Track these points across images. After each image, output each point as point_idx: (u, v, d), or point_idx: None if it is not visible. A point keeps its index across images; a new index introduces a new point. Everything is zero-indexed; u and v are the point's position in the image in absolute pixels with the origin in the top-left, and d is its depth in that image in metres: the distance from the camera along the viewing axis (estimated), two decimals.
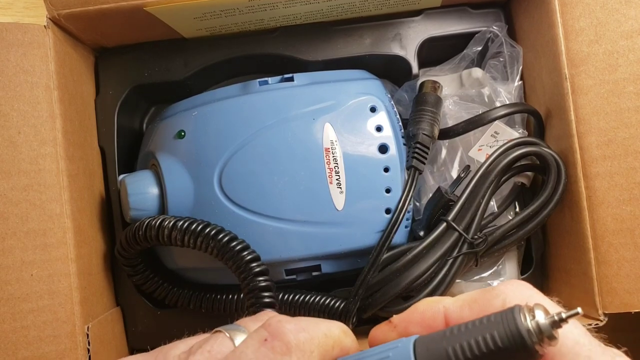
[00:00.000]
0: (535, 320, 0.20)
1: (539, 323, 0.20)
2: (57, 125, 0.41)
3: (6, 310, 0.39)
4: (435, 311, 0.25)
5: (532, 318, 0.20)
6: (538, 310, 0.21)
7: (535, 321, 0.20)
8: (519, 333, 0.20)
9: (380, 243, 0.41)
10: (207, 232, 0.39)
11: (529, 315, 0.21)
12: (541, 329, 0.20)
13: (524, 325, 0.20)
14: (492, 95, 0.48)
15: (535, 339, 0.20)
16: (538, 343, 0.20)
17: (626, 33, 0.41)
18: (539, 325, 0.20)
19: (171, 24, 0.45)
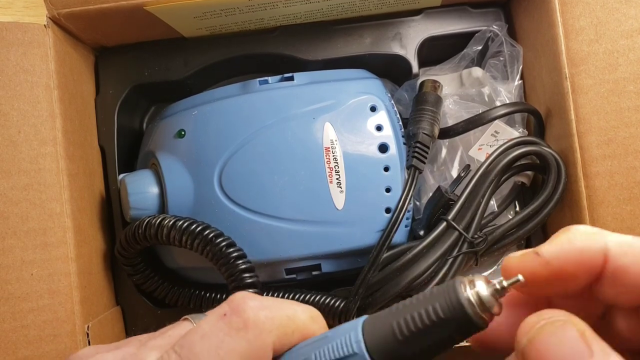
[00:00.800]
0: (475, 290, 0.21)
1: (479, 293, 0.20)
2: (57, 124, 0.41)
3: (6, 310, 0.39)
4: (595, 252, 0.21)
5: (472, 288, 0.21)
6: (479, 281, 0.21)
7: (475, 291, 0.21)
8: (460, 303, 0.20)
9: (381, 242, 0.41)
10: (206, 235, 0.39)
11: (469, 285, 0.21)
12: (482, 299, 0.20)
13: (464, 295, 0.20)
14: (492, 94, 0.48)
15: (477, 308, 0.20)
16: (480, 313, 0.20)
17: (626, 32, 0.41)
18: (479, 295, 0.20)
19: (171, 23, 0.45)
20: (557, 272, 0.21)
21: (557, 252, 0.21)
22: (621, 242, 0.21)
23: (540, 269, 0.21)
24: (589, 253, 0.21)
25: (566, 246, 0.21)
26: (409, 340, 0.21)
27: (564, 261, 0.21)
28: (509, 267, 0.22)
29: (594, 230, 0.22)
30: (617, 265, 0.21)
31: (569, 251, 0.21)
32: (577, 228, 0.22)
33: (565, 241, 0.22)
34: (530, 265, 0.22)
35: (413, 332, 0.21)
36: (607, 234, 0.21)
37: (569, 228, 0.22)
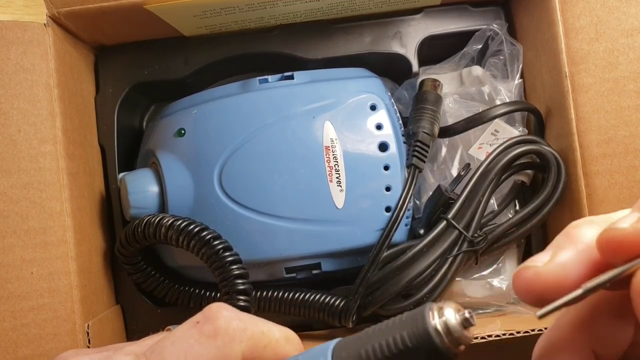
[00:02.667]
0: (443, 319, 0.20)
1: (447, 322, 0.20)
2: (57, 123, 0.41)
3: (6, 309, 0.39)
4: None
5: (441, 316, 0.20)
6: (448, 309, 0.20)
7: (444, 320, 0.20)
8: (427, 332, 0.20)
9: (381, 241, 0.41)
10: (202, 236, 0.39)
11: (437, 313, 0.20)
12: (449, 329, 0.20)
13: (431, 324, 0.20)
14: (492, 93, 0.48)
15: (444, 338, 0.20)
16: (447, 343, 0.20)
17: (626, 31, 0.41)
18: (447, 325, 0.20)
19: (171, 22, 0.45)
20: None
21: None
22: None
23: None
24: None
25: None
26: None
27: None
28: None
29: None
30: None
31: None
32: None
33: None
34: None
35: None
36: None
37: None
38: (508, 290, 0.45)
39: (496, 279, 0.46)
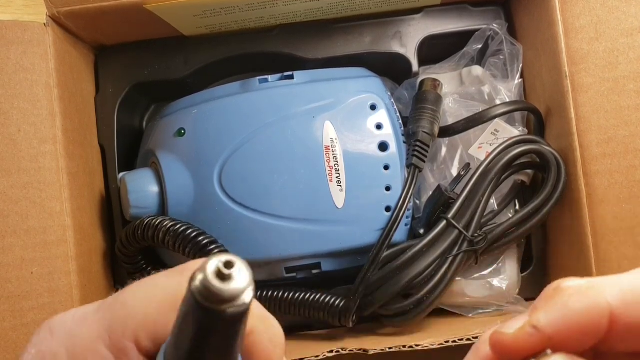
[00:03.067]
0: (201, 274, 0.17)
1: (204, 277, 0.16)
2: (57, 123, 0.41)
3: (6, 308, 0.39)
4: (599, 314, 0.18)
5: (202, 272, 0.17)
6: (212, 261, 0.17)
7: (202, 275, 0.16)
8: (190, 292, 0.17)
9: (381, 241, 0.41)
10: (199, 241, 0.39)
11: (200, 268, 0.17)
12: (205, 283, 0.16)
13: (193, 283, 0.17)
14: (492, 93, 0.48)
15: (201, 295, 0.16)
16: (207, 301, 0.16)
17: (626, 31, 0.41)
18: (203, 279, 0.16)
19: (171, 22, 0.45)
20: (559, 344, 0.18)
21: (557, 324, 0.18)
22: (623, 294, 0.18)
23: (541, 345, 0.18)
24: (591, 317, 0.18)
25: (565, 313, 0.18)
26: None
27: (566, 333, 0.18)
28: (504, 345, 0.19)
29: (588, 285, 0.19)
30: (625, 322, 0.18)
31: (570, 319, 0.18)
32: (569, 286, 0.19)
33: (562, 306, 0.18)
34: (529, 342, 0.19)
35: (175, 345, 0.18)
36: (604, 287, 0.19)
37: (559, 287, 0.19)
38: (508, 290, 0.45)
39: (496, 279, 0.46)
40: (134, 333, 0.20)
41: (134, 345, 0.20)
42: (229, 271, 0.17)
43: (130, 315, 0.20)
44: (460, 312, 0.46)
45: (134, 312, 0.20)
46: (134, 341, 0.20)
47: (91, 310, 0.21)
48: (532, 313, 0.19)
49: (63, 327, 0.21)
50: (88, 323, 0.20)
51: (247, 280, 0.17)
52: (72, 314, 0.21)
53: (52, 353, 0.20)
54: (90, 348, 0.20)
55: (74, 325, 0.21)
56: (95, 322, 0.20)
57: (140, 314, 0.20)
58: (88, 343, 0.20)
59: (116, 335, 0.20)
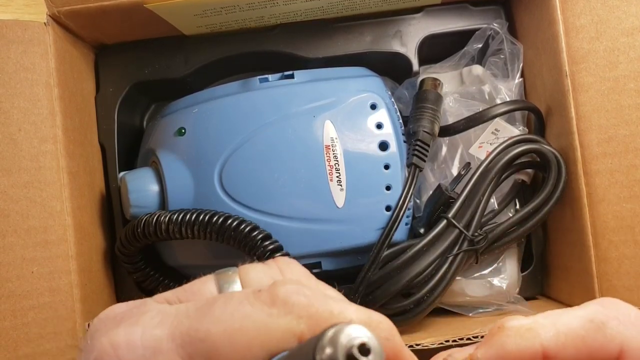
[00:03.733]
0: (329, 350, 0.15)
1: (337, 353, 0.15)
2: (58, 122, 0.41)
3: (7, 308, 0.39)
4: (532, 353, 0.20)
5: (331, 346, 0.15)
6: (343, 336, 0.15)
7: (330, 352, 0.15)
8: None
9: (381, 240, 0.41)
10: (202, 219, 0.39)
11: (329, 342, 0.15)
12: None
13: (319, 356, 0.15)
14: (493, 92, 0.48)
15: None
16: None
17: (627, 30, 0.41)
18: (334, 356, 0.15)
19: (171, 21, 0.45)
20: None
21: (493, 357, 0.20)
22: (557, 336, 0.20)
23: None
24: (524, 357, 0.20)
25: (500, 351, 0.20)
26: None
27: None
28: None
29: (528, 327, 0.20)
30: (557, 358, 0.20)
31: (504, 357, 0.20)
32: (510, 326, 0.21)
33: (499, 346, 0.20)
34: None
35: None
36: (542, 328, 0.20)
37: (502, 327, 0.21)
38: (508, 290, 0.45)
39: (496, 278, 0.46)
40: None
41: None
42: (366, 359, 0.15)
43: (214, 350, 0.18)
44: (461, 312, 0.46)
45: (220, 347, 0.18)
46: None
47: (162, 334, 0.19)
48: (476, 347, 0.21)
49: (134, 355, 0.19)
50: (163, 352, 0.19)
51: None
52: (139, 336, 0.19)
53: None
54: None
55: (146, 353, 0.19)
56: (171, 351, 0.19)
57: (226, 350, 0.18)
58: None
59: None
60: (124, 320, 0.20)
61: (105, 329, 0.20)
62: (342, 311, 0.20)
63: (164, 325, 0.19)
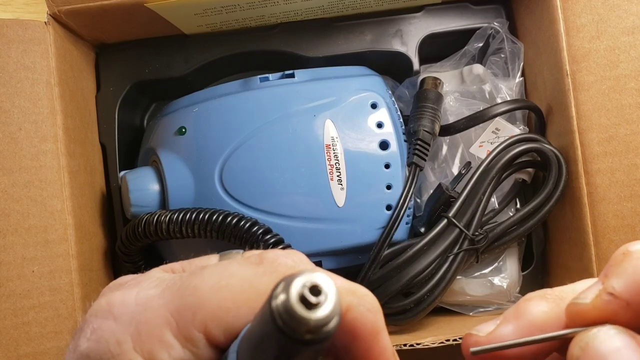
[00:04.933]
0: (283, 296, 0.15)
1: (288, 300, 0.15)
2: (58, 121, 0.41)
3: (7, 307, 0.39)
4: None
5: (285, 292, 0.15)
6: (296, 281, 0.15)
7: (284, 297, 0.15)
8: (271, 314, 0.15)
9: (381, 239, 0.41)
10: (202, 218, 0.39)
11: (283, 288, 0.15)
12: (288, 309, 0.15)
13: (272, 304, 0.15)
14: (493, 91, 0.48)
15: (282, 321, 0.15)
16: (287, 327, 0.15)
17: (627, 29, 0.41)
18: (286, 303, 0.15)
19: (172, 20, 0.45)
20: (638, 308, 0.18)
21: (633, 289, 0.18)
22: None
23: (620, 311, 0.18)
24: None
25: (637, 277, 0.18)
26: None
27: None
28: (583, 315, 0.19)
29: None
30: None
31: None
32: (637, 249, 0.19)
33: (634, 271, 0.18)
34: (608, 310, 0.18)
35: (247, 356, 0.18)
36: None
37: (627, 252, 0.19)
38: (509, 289, 0.45)
39: (497, 278, 0.46)
40: (203, 322, 0.19)
41: (203, 335, 0.19)
42: (317, 299, 0.15)
43: (201, 303, 0.19)
44: (461, 311, 0.46)
45: (206, 300, 0.19)
46: (203, 331, 0.19)
47: (155, 292, 0.20)
48: (604, 280, 0.19)
49: (126, 310, 0.20)
50: (154, 307, 0.19)
51: (335, 306, 0.15)
52: (134, 294, 0.20)
53: (115, 341, 0.19)
54: (157, 335, 0.19)
55: (137, 309, 0.19)
56: (161, 306, 0.19)
57: (212, 303, 0.19)
58: (154, 330, 0.19)
59: (184, 323, 0.19)
60: (125, 285, 0.21)
61: (107, 292, 0.21)
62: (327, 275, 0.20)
63: (158, 287, 0.20)
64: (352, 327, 0.20)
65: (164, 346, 0.19)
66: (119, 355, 0.19)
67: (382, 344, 0.20)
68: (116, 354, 0.19)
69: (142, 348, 0.19)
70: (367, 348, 0.20)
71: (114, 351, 0.19)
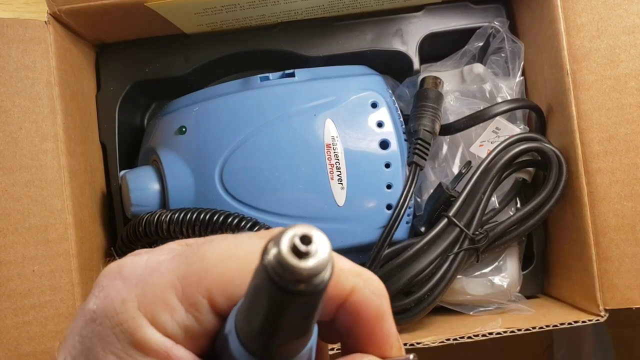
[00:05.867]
0: (275, 249, 0.15)
1: (279, 252, 0.15)
2: (58, 121, 0.41)
3: (8, 306, 0.39)
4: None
5: (276, 246, 0.15)
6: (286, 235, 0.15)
7: (276, 250, 0.15)
8: (263, 267, 0.15)
9: (382, 239, 0.41)
10: (202, 218, 0.39)
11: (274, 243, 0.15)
12: (280, 259, 0.15)
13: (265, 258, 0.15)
14: (494, 91, 0.48)
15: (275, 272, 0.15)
16: (280, 277, 0.15)
17: (628, 28, 0.41)
18: (278, 255, 0.15)
19: (172, 20, 0.45)
20: None
21: None
22: None
23: None
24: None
25: None
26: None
27: None
28: None
29: None
30: None
31: None
32: None
33: None
34: None
35: (247, 318, 0.18)
36: None
37: None
38: (509, 288, 0.45)
39: (497, 277, 0.46)
40: (208, 288, 0.19)
41: (207, 301, 0.19)
42: (307, 247, 0.15)
43: (207, 270, 0.19)
44: (461, 310, 0.46)
45: (212, 267, 0.19)
46: (207, 297, 0.19)
47: (165, 258, 0.20)
48: None
49: (134, 272, 0.20)
50: (161, 271, 0.19)
51: (326, 255, 0.15)
52: (144, 259, 0.20)
53: (121, 299, 0.19)
54: (161, 297, 0.19)
55: (146, 272, 0.20)
56: (169, 270, 0.19)
57: (218, 270, 0.19)
58: (159, 292, 0.19)
59: (189, 288, 0.19)
60: (139, 253, 0.21)
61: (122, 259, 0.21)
62: (335, 255, 0.20)
63: (169, 254, 0.20)
64: (355, 310, 0.20)
65: (168, 308, 0.19)
66: (122, 313, 0.19)
67: (386, 329, 0.20)
68: (120, 312, 0.19)
69: (146, 308, 0.19)
70: (370, 332, 0.20)
71: (118, 309, 0.19)
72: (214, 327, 0.19)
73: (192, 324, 0.19)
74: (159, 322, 0.19)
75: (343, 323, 0.20)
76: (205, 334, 0.19)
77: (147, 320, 0.19)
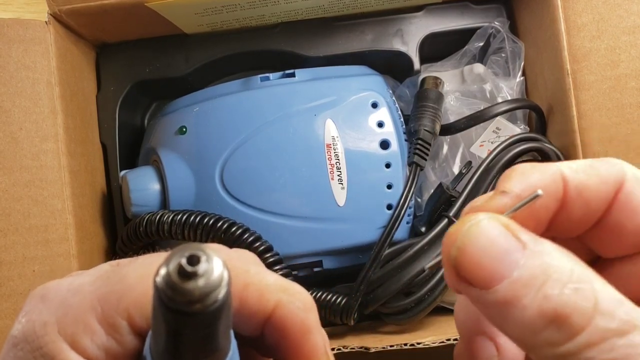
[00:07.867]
0: (165, 269, 0.15)
1: (168, 272, 0.15)
2: (59, 121, 0.41)
3: (8, 306, 0.39)
4: (552, 174, 0.20)
5: (167, 265, 0.15)
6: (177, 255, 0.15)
7: (165, 270, 0.15)
8: (155, 286, 0.15)
9: (382, 239, 0.41)
10: (205, 223, 0.39)
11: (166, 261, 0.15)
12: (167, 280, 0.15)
13: (157, 276, 0.15)
14: (494, 91, 0.48)
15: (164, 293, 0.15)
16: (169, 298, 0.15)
17: (628, 29, 0.41)
18: (166, 275, 0.15)
19: (172, 20, 0.45)
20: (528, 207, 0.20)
21: (523, 187, 0.20)
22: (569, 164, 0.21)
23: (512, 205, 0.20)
24: (547, 178, 0.20)
25: (526, 179, 0.20)
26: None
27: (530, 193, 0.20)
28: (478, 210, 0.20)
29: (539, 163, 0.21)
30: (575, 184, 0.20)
31: (531, 182, 0.20)
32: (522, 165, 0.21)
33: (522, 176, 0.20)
34: (501, 203, 0.20)
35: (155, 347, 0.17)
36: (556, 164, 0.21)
37: (514, 168, 0.21)
38: None
39: None
40: (127, 309, 0.19)
41: (127, 322, 0.19)
42: (193, 268, 0.15)
43: (126, 290, 0.19)
44: None
45: (132, 287, 0.19)
46: (126, 318, 0.19)
47: (88, 280, 0.20)
48: (497, 187, 0.20)
49: (57, 294, 0.20)
50: (83, 293, 0.19)
51: (217, 274, 0.15)
52: (69, 281, 0.20)
53: (42, 322, 0.19)
54: (82, 320, 0.19)
55: (68, 294, 0.20)
56: (90, 292, 0.19)
57: (137, 290, 0.19)
58: (79, 314, 0.19)
59: (109, 309, 0.19)
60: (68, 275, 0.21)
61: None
62: (259, 272, 0.20)
63: (93, 276, 0.20)
64: (281, 325, 0.20)
65: (88, 331, 0.19)
66: (42, 337, 0.19)
67: (312, 343, 0.20)
68: (40, 336, 0.19)
69: (66, 332, 0.19)
70: (296, 346, 0.20)
71: (38, 332, 0.19)
72: (135, 347, 0.19)
73: (112, 346, 0.19)
74: (79, 345, 0.19)
75: (270, 338, 0.20)
76: (127, 354, 0.19)
77: (67, 344, 0.19)
